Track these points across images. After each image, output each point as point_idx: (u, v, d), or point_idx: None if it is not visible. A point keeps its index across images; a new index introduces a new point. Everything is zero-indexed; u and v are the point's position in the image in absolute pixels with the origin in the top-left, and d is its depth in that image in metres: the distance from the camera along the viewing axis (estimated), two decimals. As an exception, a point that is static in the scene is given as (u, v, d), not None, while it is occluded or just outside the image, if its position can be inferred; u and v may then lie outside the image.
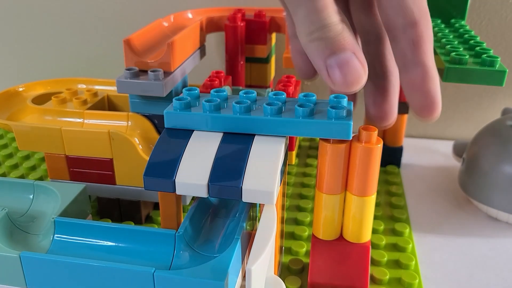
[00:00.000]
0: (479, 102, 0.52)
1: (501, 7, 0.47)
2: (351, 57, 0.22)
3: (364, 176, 0.26)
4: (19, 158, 0.47)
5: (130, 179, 0.35)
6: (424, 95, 0.24)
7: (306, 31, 0.23)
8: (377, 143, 0.26)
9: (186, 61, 0.37)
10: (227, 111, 0.26)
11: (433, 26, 0.37)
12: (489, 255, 0.35)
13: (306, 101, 0.26)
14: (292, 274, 0.32)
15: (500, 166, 0.36)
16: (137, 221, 0.37)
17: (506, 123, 0.38)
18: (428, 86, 0.24)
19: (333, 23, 0.22)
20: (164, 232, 0.25)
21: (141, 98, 0.36)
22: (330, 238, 0.29)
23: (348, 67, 0.22)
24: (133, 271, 0.22)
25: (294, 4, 0.23)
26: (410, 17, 0.23)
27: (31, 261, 0.23)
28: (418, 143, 0.52)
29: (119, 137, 0.33)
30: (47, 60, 0.59)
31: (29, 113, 0.39)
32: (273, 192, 0.23)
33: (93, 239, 0.26)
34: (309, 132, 0.25)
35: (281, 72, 0.52)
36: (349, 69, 0.22)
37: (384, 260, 0.33)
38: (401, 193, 0.42)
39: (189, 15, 0.45)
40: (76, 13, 0.55)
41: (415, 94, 0.24)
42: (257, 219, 0.28)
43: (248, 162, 0.24)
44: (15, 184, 0.30)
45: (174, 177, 0.24)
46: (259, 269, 0.22)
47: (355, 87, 0.23)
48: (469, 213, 0.40)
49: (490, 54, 0.31)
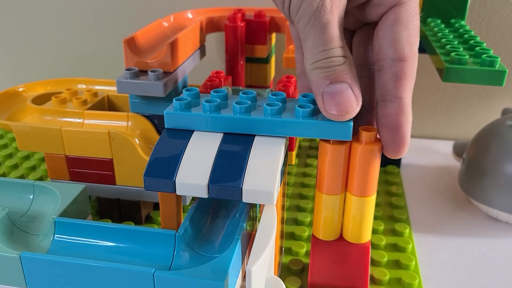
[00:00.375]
0: (479, 102, 0.52)
1: (501, 7, 0.47)
2: (346, 88, 0.24)
3: (364, 176, 0.26)
4: (19, 158, 0.47)
5: (130, 179, 0.35)
6: (396, 130, 0.25)
7: (311, 60, 0.24)
8: (377, 143, 0.26)
9: (186, 61, 0.37)
10: (227, 111, 0.26)
11: (433, 26, 0.38)
12: (489, 255, 0.35)
13: (306, 101, 0.26)
14: (292, 275, 0.32)
15: (500, 166, 0.36)
16: (137, 221, 0.37)
17: (506, 123, 0.38)
18: (401, 121, 0.25)
19: (336, 55, 0.24)
20: (164, 232, 0.25)
21: (141, 98, 0.36)
22: (330, 239, 0.29)
23: (342, 97, 0.24)
24: (133, 272, 0.22)
25: (304, 33, 0.25)
26: (400, 53, 0.25)
27: (31, 261, 0.23)
28: (418, 143, 0.52)
29: (119, 137, 0.33)
30: (47, 60, 0.59)
31: (29, 113, 0.39)
32: (273, 192, 0.23)
33: (93, 239, 0.26)
34: (310, 132, 0.25)
35: (281, 72, 0.52)
36: (342, 99, 0.24)
37: (384, 260, 0.33)
38: (401, 193, 0.42)
39: (189, 15, 0.45)
40: (76, 13, 0.55)
41: (387, 127, 0.25)
42: (257, 219, 0.28)
43: (248, 162, 0.24)
44: (15, 184, 0.30)
45: (174, 177, 0.24)
46: (259, 269, 0.22)
47: (345, 117, 0.24)
48: (469, 213, 0.40)
49: (490, 54, 0.31)
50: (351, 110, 0.24)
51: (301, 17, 0.24)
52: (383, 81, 0.25)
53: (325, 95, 0.24)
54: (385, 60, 0.25)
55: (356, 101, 0.24)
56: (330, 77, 0.24)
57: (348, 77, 0.24)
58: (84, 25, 0.56)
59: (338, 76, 0.24)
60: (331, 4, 0.24)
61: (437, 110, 0.53)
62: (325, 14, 0.24)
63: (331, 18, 0.24)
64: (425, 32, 0.38)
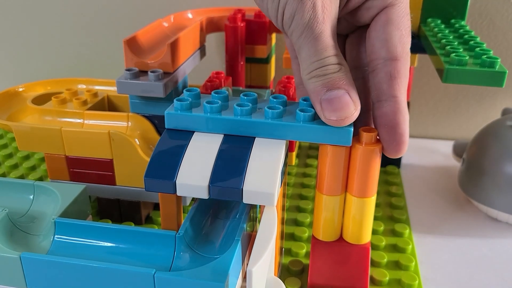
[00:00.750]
0: (479, 102, 0.52)
1: (502, 7, 0.47)
2: (343, 94, 0.24)
3: (364, 177, 0.26)
4: (19, 158, 0.47)
5: (130, 180, 0.35)
6: (394, 129, 0.25)
7: (307, 70, 0.25)
8: (377, 144, 0.26)
9: (186, 61, 0.37)
10: (228, 113, 0.26)
11: (433, 27, 0.37)
12: (489, 255, 0.35)
13: (307, 105, 0.26)
14: (292, 275, 0.32)
15: (500, 166, 0.36)
16: (137, 221, 0.37)
17: (506, 123, 0.38)
18: (398, 119, 0.25)
19: (331, 63, 0.24)
20: (165, 233, 0.25)
21: (141, 99, 0.36)
22: (330, 239, 0.29)
23: (340, 103, 0.24)
24: (133, 272, 0.22)
25: (298, 45, 0.25)
26: (392, 52, 0.25)
27: (31, 261, 0.23)
28: (418, 143, 0.52)
29: (119, 138, 0.33)
30: (47, 60, 0.59)
31: (29, 114, 0.39)
32: (273, 193, 0.23)
33: (93, 240, 0.26)
34: (310, 137, 0.25)
35: (281, 73, 0.52)
36: (340, 105, 0.24)
37: (384, 261, 0.33)
38: (401, 194, 0.42)
39: (189, 15, 0.45)
40: (76, 13, 0.55)
41: (385, 127, 0.26)
42: (257, 220, 0.28)
43: (248, 163, 0.24)
44: (15, 185, 0.30)
45: (174, 178, 0.24)
46: (260, 270, 0.22)
47: (345, 122, 0.24)
48: (469, 214, 0.40)
49: (490, 55, 0.30)
50: (350, 115, 0.24)
51: (295, 30, 0.25)
52: (378, 81, 0.26)
53: (324, 102, 0.24)
54: (378, 60, 0.26)
55: (354, 105, 0.24)
56: (327, 85, 0.24)
57: (344, 83, 0.24)
58: (84, 25, 0.56)
59: (334, 83, 0.24)
60: (323, 15, 0.24)
61: (437, 110, 0.53)
62: (317, 25, 0.24)
63: (323, 28, 0.24)
64: (425, 32, 0.38)
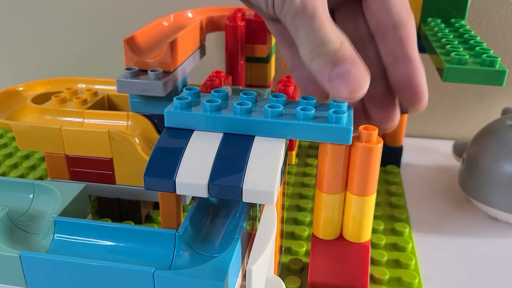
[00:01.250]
0: (479, 102, 0.52)
1: (501, 6, 0.47)
2: (351, 67, 0.23)
3: (364, 175, 0.26)
4: (19, 157, 0.47)
5: (130, 179, 0.35)
6: (414, 87, 0.26)
7: (307, 50, 0.24)
8: (377, 142, 0.26)
9: (186, 60, 0.37)
10: (228, 111, 0.26)
11: (433, 26, 0.37)
12: (489, 255, 0.35)
13: (307, 104, 0.26)
14: (292, 274, 0.32)
15: (500, 166, 0.36)
16: (137, 220, 0.37)
17: (506, 123, 0.38)
18: (418, 78, 0.26)
19: (331, 39, 0.24)
20: (164, 232, 0.25)
21: (141, 98, 0.36)
22: (330, 238, 0.29)
23: (350, 77, 0.23)
24: (133, 271, 0.22)
25: (294, 27, 0.24)
26: (398, 19, 0.26)
27: (31, 260, 0.23)
28: (418, 143, 0.52)
29: (119, 137, 0.33)
30: (47, 60, 0.59)
31: (29, 113, 0.39)
32: (273, 192, 0.23)
33: (93, 238, 0.26)
34: (310, 135, 0.25)
35: (281, 72, 0.52)
36: (351, 78, 0.23)
37: (384, 259, 0.33)
38: (401, 193, 0.42)
39: (189, 15, 0.45)
40: (76, 13, 0.55)
41: (405, 87, 0.27)
42: (257, 219, 0.28)
43: (248, 162, 0.24)
44: (15, 184, 0.30)
45: (174, 177, 0.24)
46: (260, 269, 0.22)
47: (357, 94, 0.24)
48: (469, 213, 0.40)
49: (490, 54, 0.31)
50: (363, 85, 0.24)
51: (288, 12, 0.24)
52: (390, 48, 0.26)
53: (333, 80, 0.24)
54: (386, 29, 0.26)
55: (362, 76, 0.24)
56: (332, 61, 0.24)
57: (349, 56, 0.24)
58: (84, 24, 0.56)
59: (339, 58, 0.24)
60: None
61: (437, 109, 0.53)
62: (310, 2, 0.24)
63: (317, 5, 0.24)
64: (425, 31, 0.38)
